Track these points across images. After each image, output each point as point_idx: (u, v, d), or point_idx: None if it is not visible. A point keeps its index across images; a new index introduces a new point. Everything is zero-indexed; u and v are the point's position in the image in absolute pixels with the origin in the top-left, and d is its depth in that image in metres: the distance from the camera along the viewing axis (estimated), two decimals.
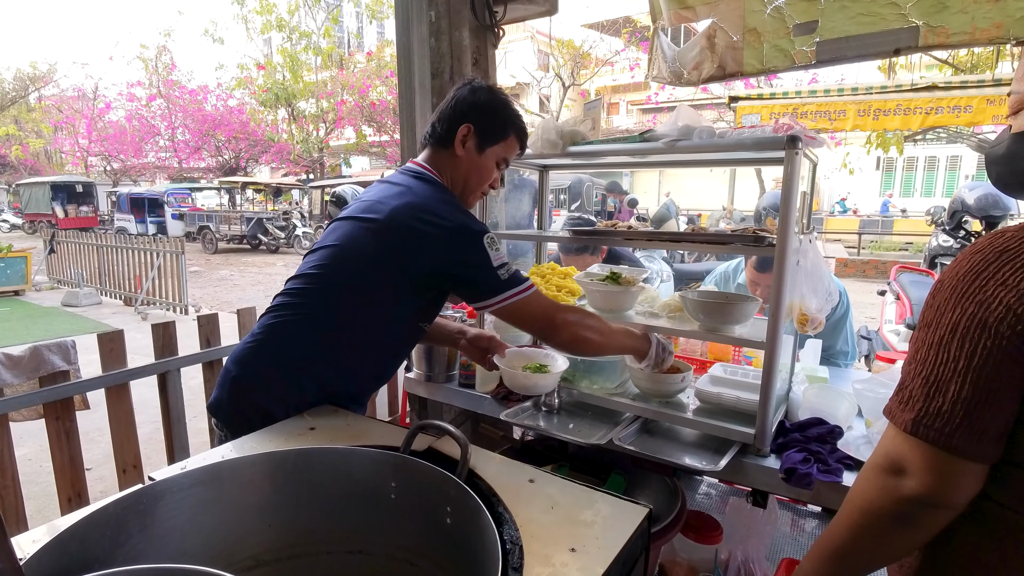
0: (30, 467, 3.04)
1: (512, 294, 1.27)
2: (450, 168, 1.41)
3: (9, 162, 23.97)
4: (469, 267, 1.27)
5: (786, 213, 1.22)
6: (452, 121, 1.37)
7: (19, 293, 9.28)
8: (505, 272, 1.28)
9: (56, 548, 0.71)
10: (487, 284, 1.27)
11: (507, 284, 1.27)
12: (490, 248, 1.28)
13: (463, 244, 1.27)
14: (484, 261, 1.26)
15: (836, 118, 6.39)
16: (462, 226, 1.28)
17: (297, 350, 1.31)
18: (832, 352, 2.16)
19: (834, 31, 2.16)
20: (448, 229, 1.26)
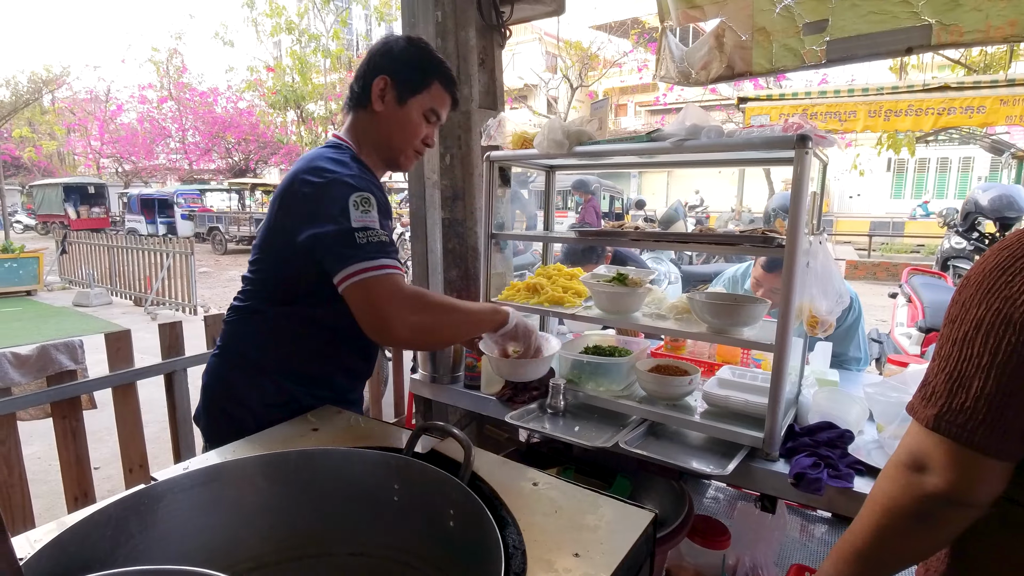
0: (39, 465, 3.06)
1: (363, 268, 1.06)
2: (371, 130, 1.29)
3: (23, 164, 24.27)
4: (324, 223, 1.09)
5: (796, 213, 1.20)
6: (367, 77, 1.27)
7: (31, 293, 9.39)
8: (364, 238, 1.08)
9: (56, 548, 0.70)
10: (338, 248, 1.08)
11: (361, 254, 1.06)
12: (355, 209, 1.09)
13: (325, 197, 1.11)
14: (341, 219, 1.08)
15: (846, 119, 6.34)
16: (333, 179, 1.12)
17: (250, 351, 1.27)
18: (844, 358, 2.13)
19: (844, 30, 2.14)
20: (319, 184, 1.12)
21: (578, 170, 2.72)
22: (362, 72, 1.28)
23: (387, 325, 1.08)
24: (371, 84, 1.26)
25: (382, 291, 1.08)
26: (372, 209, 1.11)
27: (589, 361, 1.57)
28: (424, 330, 1.14)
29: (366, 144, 1.30)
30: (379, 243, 1.09)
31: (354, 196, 1.10)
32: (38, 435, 2.12)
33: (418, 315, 1.11)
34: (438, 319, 1.16)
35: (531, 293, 1.72)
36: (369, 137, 1.30)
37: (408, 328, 1.09)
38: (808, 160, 1.20)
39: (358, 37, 23.50)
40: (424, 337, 1.20)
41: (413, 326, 1.10)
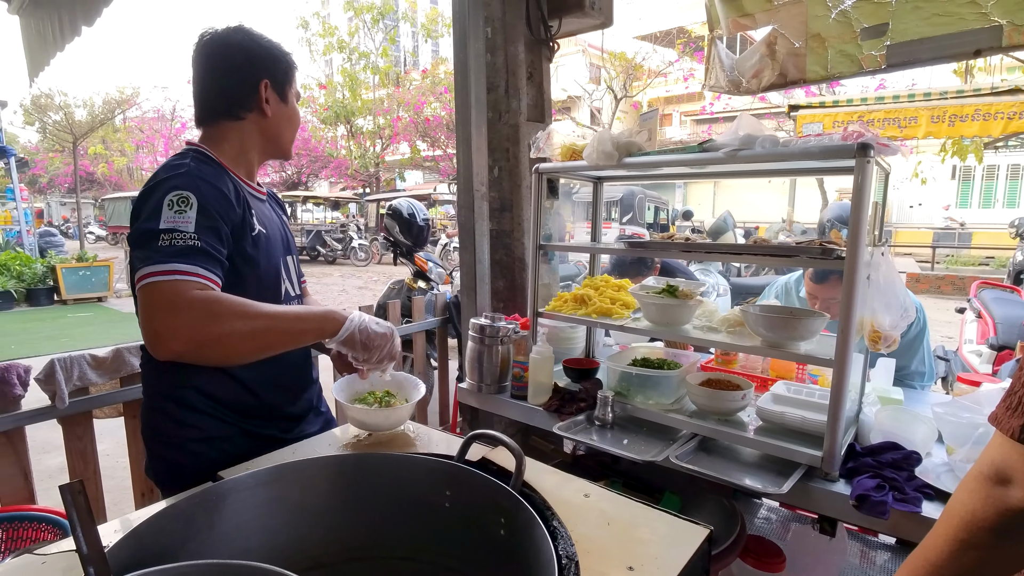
0: (108, 462, 3.24)
1: (151, 272, 0.95)
2: (250, 135, 1.22)
3: (96, 179, 26.02)
4: (135, 222, 1.02)
5: (857, 224, 1.16)
6: (245, 86, 1.18)
7: (102, 299, 10.01)
8: (168, 239, 0.97)
9: (133, 540, 0.75)
10: (137, 250, 0.99)
11: (157, 256, 0.96)
12: (168, 208, 0.99)
13: (145, 200, 1.03)
14: (150, 216, 0.99)
15: (907, 125, 6.07)
16: (156, 182, 1.05)
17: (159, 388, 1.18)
18: (907, 372, 2.02)
19: (906, 33, 2.06)
20: (143, 190, 1.05)
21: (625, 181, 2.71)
22: (229, 81, 1.19)
23: (156, 336, 0.96)
24: (252, 91, 1.19)
25: (159, 297, 0.95)
26: (189, 209, 1.01)
27: (638, 374, 1.55)
28: (204, 342, 0.97)
29: (237, 150, 1.22)
30: (182, 247, 0.98)
31: (170, 196, 1.01)
32: (107, 433, 2.24)
33: (197, 326, 0.96)
34: (227, 330, 0.98)
35: (578, 304, 1.72)
36: (246, 143, 1.22)
37: (180, 340, 0.96)
38: (870, 169, 1.16)
39: (405, 54, 24.18)
40: (207, 350, 0.99)
41: (188, 337, 0.96)
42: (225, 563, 0.68)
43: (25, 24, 3.35)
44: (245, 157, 1.24)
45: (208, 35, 1.20)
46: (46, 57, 3.21)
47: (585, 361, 1.88)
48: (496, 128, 2.15)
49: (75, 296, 9.67)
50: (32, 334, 7.38)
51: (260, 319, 1.03)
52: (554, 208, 2.03)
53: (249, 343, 1.03)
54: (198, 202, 1.03)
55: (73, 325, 8.03)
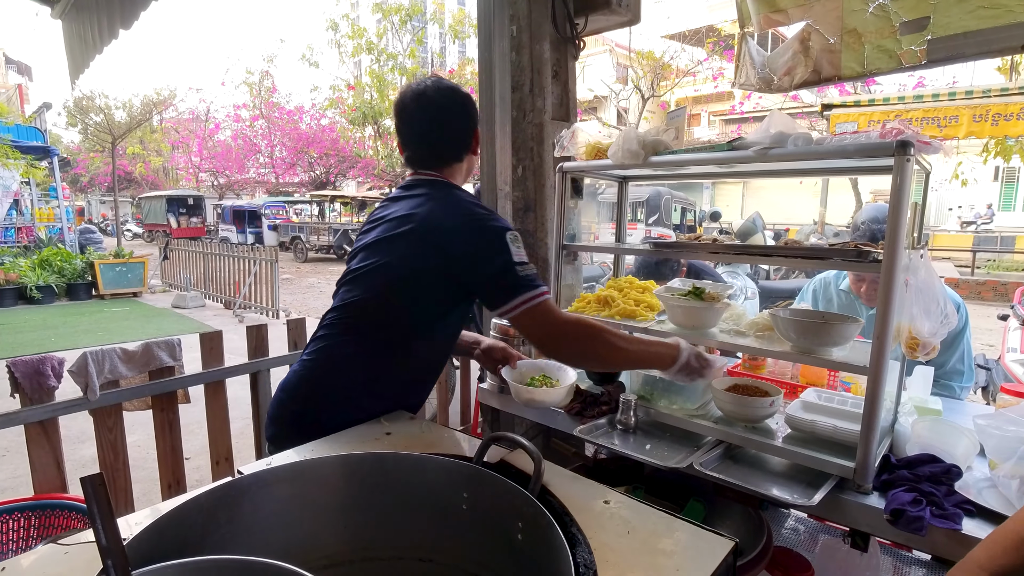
0: (138, 453, 3.33)
1: (528, 297, 1.23)
2: (464, 173, 1.47)
3: (134, 178, 26.87)
4: (493, 264, 1.25)
5: (895, 226, 1.11)
6: (468, 134, 1.44)
7: (137, 295, 10.32)
8: (524, 271, 1.25)
9: (154, 532, 0.76)
10: (507, 284, 1.24)
11: (525, 286, 1.23)
12: (512, 244, 1.26)
13: (488, 239, 1.26)
14: (507, 259, 1.24)
15: (947, 124, 5.86)
16: (489, 221, 1.28)
17: (343, 377, 1.32)
18: (945, 371, 1.93)
19: (949, 27, 1.98)
20: (476, 225, 1.27)
21: (651, 181, 2.67)
22: (460, 125, 1.43)
23: (554, 341, 1.26)
24: (472, 136, 1.44)
25: (553, 308, 1.25)
26: (521, 244, 1.28)
27: (662, 377, 1.52)
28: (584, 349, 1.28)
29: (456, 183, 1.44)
30: (535, 274, 1.27)
31: (509, 234, 1.26)
32: (138, 425, 2.30)
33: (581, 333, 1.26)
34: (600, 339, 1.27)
35: (602, 306, 1.69)
36: (461, 179, 1.46)
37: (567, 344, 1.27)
38: (909, 169, 1.11)
39: (432, 54, 24.36)
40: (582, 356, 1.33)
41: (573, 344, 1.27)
42: (242, 559, 0.68)
43: (67, 28, 3.47)
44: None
45: (426, 84, 1.41)
46: (86, 60, 3.31)
47: None
48: (520, 127, 2.13)
49: (112, 291, 9.99)
50: (71, 327, 7.65)
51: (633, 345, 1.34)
52: (578, 208, 2.00)
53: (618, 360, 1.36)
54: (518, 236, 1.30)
55: (110, 319, 8.29)
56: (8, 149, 8.91)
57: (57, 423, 1.82)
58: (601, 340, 1.26)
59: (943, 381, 1.93)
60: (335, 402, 1.32)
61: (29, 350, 6.11)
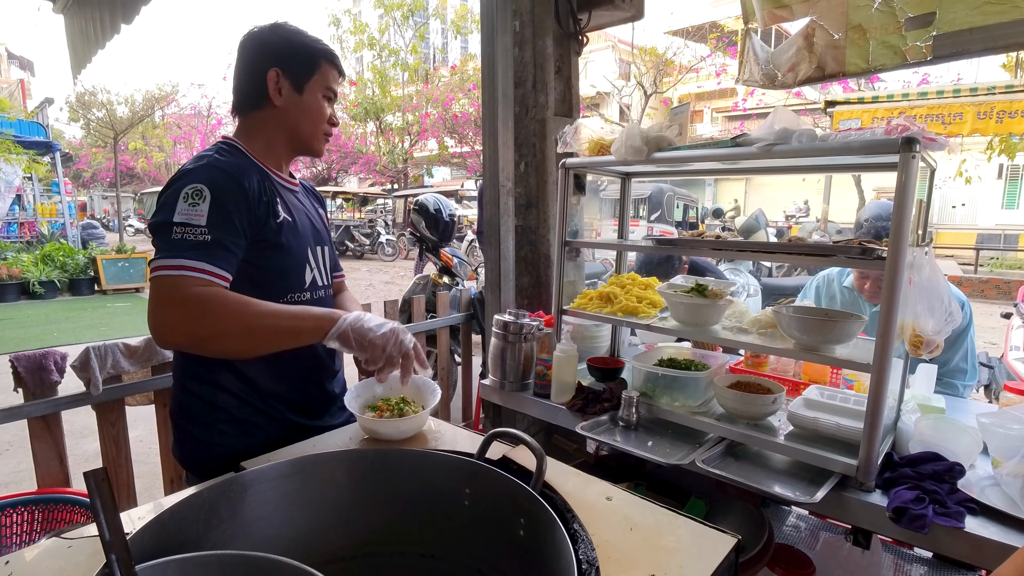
0: (141, 448, 3.35)
1: (160, 266, 1.01)
2: (273, 125, 1.25)
3: (136, 174, 26.88)
4: (155, 213, 1.07)
5: (899, 223, 1.11)
6: (256, 74, 1.21)
7: (139, 290, 10.33)
8: (180, 233, 1.02)
9: (156, 527, 0.75)
10: (157, 238, 1.05)
11: (170, 250, 1.02)
12: (183, 201, 1.04)
13: (165, 188, 1.09)
14: (167, 208, 1.04)
15: (951, 122, 5.84)
16: (178, 174, 1.10)
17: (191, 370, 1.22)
18: (948, 369, 1.93)
19: (954, 23, 1.96)
20: (173, 176, 1.11)
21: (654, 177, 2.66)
22: (247, 71, 1.23)
23: (154, 328, 1.03)
24: (264, 80, 1.21)
25: (162, 291, 1.01)
26: (202, 203, 1.05)
27: (664, 374, 1.52)
28: (200, 337, 1.04)
29: (265, 142, 1.26)
30: (193, 242, 1.03)
31: (186, 189, 1.06)
32: (140, 420, 2.31)
33: (192, 321, 1.02)
34: (223, 327, 1.04)
35: (604, 302, 1.69)
36: (270, 134, 1.26)
37: (176, 333, 1.04)
38: (914, 165, 1.11)
39: (434, 50, 24.31)
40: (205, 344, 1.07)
41: (183, 332, 1.03)
42: (245, 554, 0.69)
43: (69, 23, 3.46)
44: (272, 150, 1.27)
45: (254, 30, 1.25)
46: (88, 55, 3.31)
47: (610, 360, 1.85)
48: (523, 123, 2.13)
49: (114, 286, 10.01)
50: (74, 322, 7.67)
51: (257, 317, 1.06)
52: (580, 205, 2.00)
53: (247, 340, 1.07)
54: (211, 195, 1.06)
55: (112, 315, 8.31)
56: (11, 144, 8.92)
57: (60, 418, 1.82)
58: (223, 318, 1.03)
59: (947, 379, 1.92)
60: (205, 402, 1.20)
61: (32, 345, 6.13)
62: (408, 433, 1.13)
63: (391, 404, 1.20)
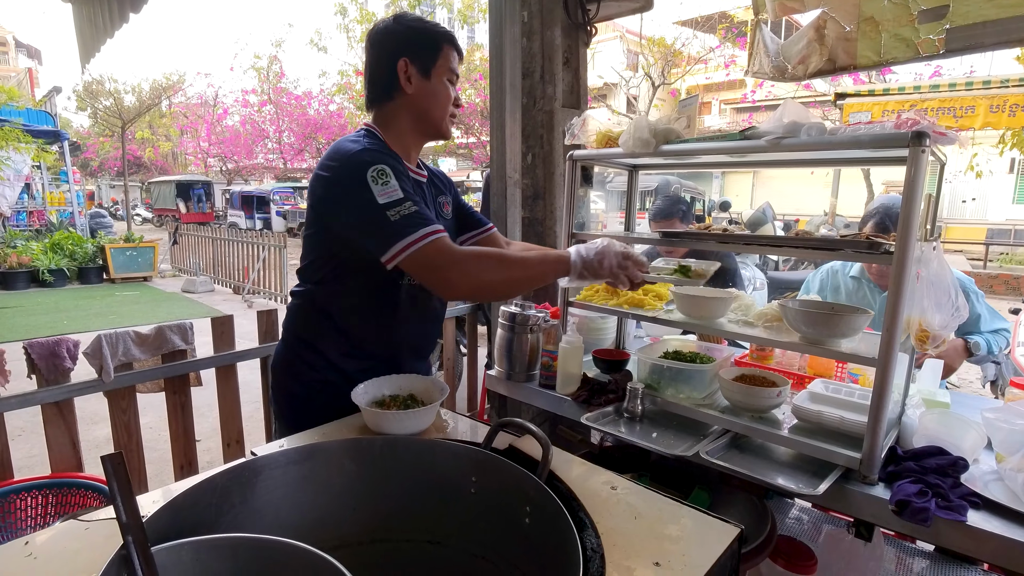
0: (150, 435, 3.39)
1: (407, 244, 1.11)
2: (405, 113, 1.31)
3: (143, 163, 26.97)
4: (351, 209, 1.15)
5: (908, 218, 1.11)
6: (387, 66, 1.28)
7: (147, 279, 10.41)
8: (396, 213, 1.11)
9: (171, 510, 0.77)
10: (374, 230, 1.13)
11: (397, 230, 1.11)
12: (375, 183, 1.12)
13: (344, 181, 1.16)
14: (367, 198, 1.12)
15: (963, 115, 5.77)
16: (346, 161, 1.17)
17: (305, 333, 1.36)
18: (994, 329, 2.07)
19: (968, 16, 1.94)
20: (335, 168, 1.18)
21: (661, 170, 2.66)
22: (378, 64, 1.30)
23: (448, 285, 1.17)
24: (395, 71, 1.27)
25: (434, 257, 1.13)
26: (391, 178, 1.14)
27: (669, 367, 1.53)
28: (481, 289, 1.22)
29: (400, 128, 1.32)
30: (410, 215, 1.13)
31: (370, 172, 1.13)
32: (150, 407, 2.34)
33: (474, 275, 1.17)
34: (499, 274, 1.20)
35: (610, 294, 1.69)
36: (403, 123, 1.32)
37: (467, 289, 1.20)
38: (924, 160, 1.10)
39: None
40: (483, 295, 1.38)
41: (472, 287, 1.19)
42: (258, 537, 0.70)
43: (77, 11, 3.47)
44: (402, 139, 1.33)
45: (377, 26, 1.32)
46: (97, 44, 3.32)
47: (615, 352, 1.85)
48: (531, 114, 2.12)
49: (122, 275, 10.09)
50: (83, 310, 7.74)
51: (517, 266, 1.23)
52: (588, 197, 2.00)
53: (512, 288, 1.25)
54: (392, 170, 1.16)
55: (120, 303, 8.38)
56: (19, 133, 8.96)
57: (73, 404, 1.85)
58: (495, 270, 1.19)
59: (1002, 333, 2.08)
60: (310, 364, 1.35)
61: (42, 332, 6.20)
62: (412, 429, 1.14)
63: (398, 401, 1.22)
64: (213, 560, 0.68)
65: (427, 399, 1.22)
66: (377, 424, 1.12)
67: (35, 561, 0.72)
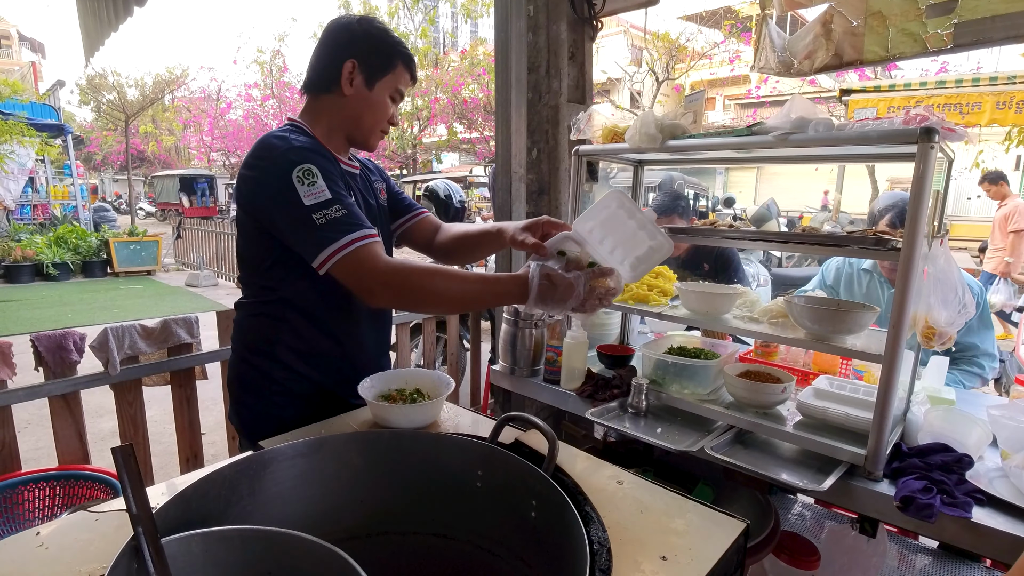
0: (155, 428, 3.40)
1: (333, 251, 1.07)
2: (337, 112, 1.27)
3: (146, 157, 26.98)
4: (278, 211, 1.11)
5: (915, 214, 1.10)
6: (333, 60, 1.24)
7: (151, 273, 10.44)
8: (322, 216, 1.07)
9: (180, 502, 0.78)
10: (301, 234, 1.10)
11: (325, 236, 1.07)
12: (300, 183, 1.08)
13: (268, 181, 1.12)
14: (293, 200, 1.08)
15: (969, 111, 5.74)
16: (271, 159, 1.12)
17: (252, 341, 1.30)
18: (978, 352, 1.98)
19: (977, 11, 1.93)
20: (260, 167, 1.14)
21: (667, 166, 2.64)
22: (325, 55, 1.26)
23: (372, 295, 1.11)
24: (339, 68, 1.23)
25: (358, 266, 1.09)
26: (317, 179, 1.10)
27: (674, 362, 1.53)
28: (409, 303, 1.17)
29: (327, 126, 1.28)
30: (336, 220, 1.09)
31: (296, 171, 1.09)
32: (154, 401, 2.35)
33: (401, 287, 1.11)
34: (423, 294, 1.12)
35: None
36: (333, 119, 1.28)
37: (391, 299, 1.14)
38: (933, 156, 1.10)
39: (444, 34, 24.09)
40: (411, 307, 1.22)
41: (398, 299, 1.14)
42: (266, 529, 0.71)
43: (81, 5, 3.47)
44: (332, 135, 1.29)
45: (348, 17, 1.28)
46: (101, 37, 3.32)
47: (620, 348, 1.85)
48: (536, 109, 2.12)
49: (126, 269, 10.12)
50: (87, 304, 7.77)
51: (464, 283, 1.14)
52: (593, 192, 2.00)
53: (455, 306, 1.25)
54: (319, 169, 1.11)
55: (125, 297, 8.41)
56: (23, 127, 8.97)
57: (79, 396, 1.86)
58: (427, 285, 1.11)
59: (976, 360, 1.96)
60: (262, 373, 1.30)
61: (47, 326, 6.22)
62: (419, 422, 1.14)
63: (405, 395, 1.22)
64: (222, 552, 0.69)
65: (433, 393, 1.23)
66: (383, 418, 1.13)
67: (47, 552, 0.73)
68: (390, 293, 1.11)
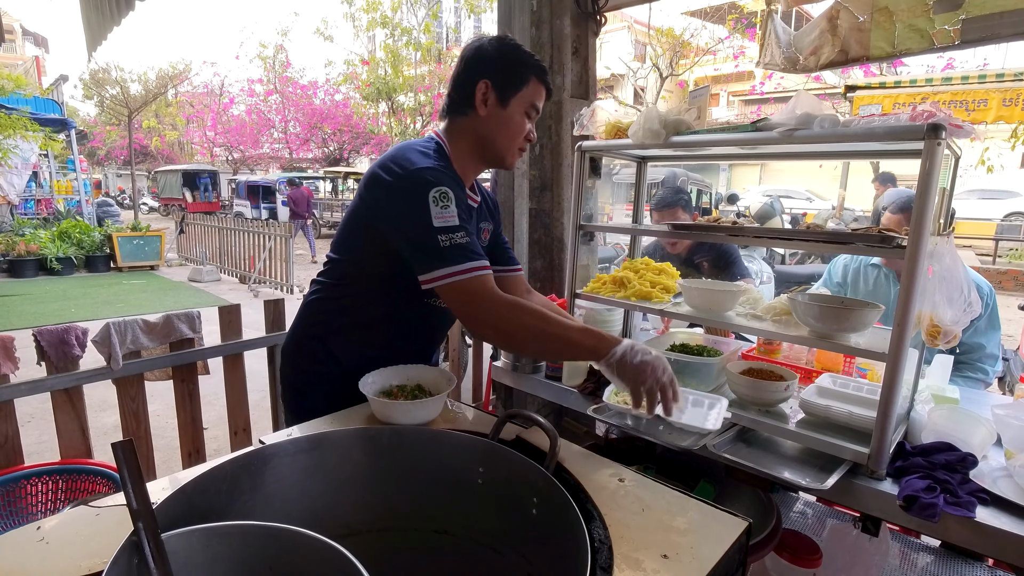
0: (158, 422, 3.40)
1: (450, 272, 1.10)
2: (473, 133, 1.30)
3: (149, 152, 27.02)
4: (404, 222, 1.15)
5: (922, 212, 1.09)
6: (468, 82, 1.27)
7: (154, 268, 10.46)
8: (447, 240, 1.11)
9: (181, 497, 0.78)
10: (421, 249, 1.13)
11: (444, 257, 1.11)
12: (435, 205, 1.12)
13: (405, 192, 1.15)
14: (421, 217, 1.11)
15: (975, 108, 5.70)
16: (412, 173, 1.15)
17: (311, 323, 1.38)
18: (982, 355, 1.95)
19: (985, 7, 1.91)
20: (399, 176, 1.16)
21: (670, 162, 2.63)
22: (460, 78, 1.29)
23: (477, 323, 1.15)
24: (473, 89, 1.27)
25: (473, 294, 1.12)
26: (451, 204, 1.14)
27: (677, 359, 1.52)
28: (508, 337, 1.17)
29: (464, 147, 1.32)
30: (460, 246, 1.13)
31: (433, 192, 1.13)
32: (157, 395, 2.35)
33: (506, 321, 1.13)
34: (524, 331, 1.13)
35: (617, 287, 1.68)
36: (469, 140, 1.31)
37: (492, 331, 1.15)
38: (939, 153, 1.09)
39: (447, 29, 24.02)
40: (507, 343, 1.29)
41: (498, 331, 1.14)
42: (267, 525, 0.71)
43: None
44: (464, 159, 1.32)
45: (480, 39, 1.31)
46: (104, 31, 3.31)
47: None
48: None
49: (130, 264, 10.13)
50: (91, 299, 7.79)
51: (547, 328, 1.12)
52: (595, 188, 1.99)
53: (539, 346, 1.19)
54: (454, 196, 1.15)
55: (128, 291, 8.42)
56: (27, 121, 8.97)
57: (82, 391, 1.86)
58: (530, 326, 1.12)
59: (979, 365, 1.94)
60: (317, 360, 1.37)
61: (50, 320, 6.25)
62: (420, 419, 1.14)
63: (406, 391, 1.22)
64: (223, 547, 0.69)
65: (435, 390, 1.22)
66: (385, 414, 1.13)
67: (47, 546, 0.73)
68: (493, 324, 1.13)
